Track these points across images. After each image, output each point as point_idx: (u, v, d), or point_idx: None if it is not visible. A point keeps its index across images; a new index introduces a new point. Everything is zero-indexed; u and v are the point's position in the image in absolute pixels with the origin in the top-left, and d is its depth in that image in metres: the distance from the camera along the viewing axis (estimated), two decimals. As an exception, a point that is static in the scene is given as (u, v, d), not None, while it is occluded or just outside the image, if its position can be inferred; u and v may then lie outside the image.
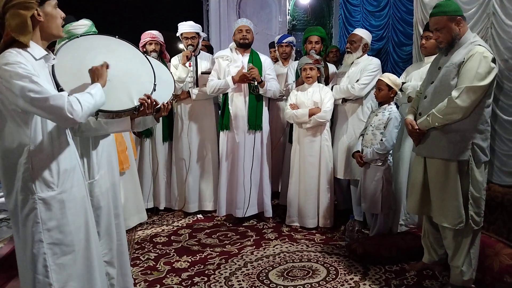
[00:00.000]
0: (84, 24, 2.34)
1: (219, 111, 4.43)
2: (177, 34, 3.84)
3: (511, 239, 2.62)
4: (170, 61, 4.00)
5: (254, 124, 3.62)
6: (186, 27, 3.78)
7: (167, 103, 2.12)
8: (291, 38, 4.18)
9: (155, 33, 3.87)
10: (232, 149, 3.68)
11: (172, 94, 2.22)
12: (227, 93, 3.67)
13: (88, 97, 1.63)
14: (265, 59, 3.75)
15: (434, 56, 2.84)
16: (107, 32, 2.16)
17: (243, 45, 3.64)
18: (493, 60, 2.20)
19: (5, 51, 1.54)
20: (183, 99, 3.91)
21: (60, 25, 1.70)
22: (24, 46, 1.58)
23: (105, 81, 1.78)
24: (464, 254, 2.36)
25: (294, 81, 3.90)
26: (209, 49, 4.70)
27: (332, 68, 3.98)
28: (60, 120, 1.56)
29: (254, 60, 3.63)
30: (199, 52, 3.95)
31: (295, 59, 4.24)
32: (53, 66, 1.74)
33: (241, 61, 3.65)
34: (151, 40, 3.83)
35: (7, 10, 1.54)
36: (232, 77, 3.56)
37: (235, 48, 3.73)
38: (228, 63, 3.66)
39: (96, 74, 1.78)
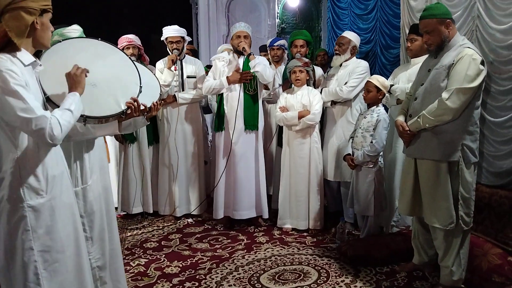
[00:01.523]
0: (77, 29, 2.33)
1: (205, 114, 4.44)
2: (162, 38, 3.82)
3: (499, 239, 2.66)
4: (149, 64, 3.98)
5: (250, 124, 3.62)
6: (171, 31, 3.77)
7: (156, 102, 2.13)
8: (282, 41, 4.18)
9: (131, 37, 3.83)
10: (228, 150, 3.67)
11: (160, 93, 2.23)
12: (222, 93, 3.67)
13: (69, 115, 1.62)
14: (258, 57, 3.72)
15: (420, 58, 2.88)
16: (95, 35, 2.15)
17: (241, 53, 3.61)
18: (482, 63, 2.24)
19: None
20: (169, 103, 3.89)
21: (50, 37, 1.73)
22: (14, 50, 1.58)
23: (83, 88, 1.77)
24: (454, 254, 2.38)
25: (280, 85, 3.90)
26: (194, 53, 4.70)
27: (319, 71, 3.98)
28: (39, 141, 1.58)
29: (249, 62, 3.61)
30: (184, 56, 3.94)
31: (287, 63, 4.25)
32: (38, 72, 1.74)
33: (237, 62, 3.65)
34: (128, 45, 3.78)
35: (7, 11, 1.55)
36: (227, 77, 3.56)
37: (232, 51, 3.72)
38: (224, 64, 3.67)
39: (75, 81, 1.75)
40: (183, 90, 3.88)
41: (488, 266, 2.45)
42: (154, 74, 2.52)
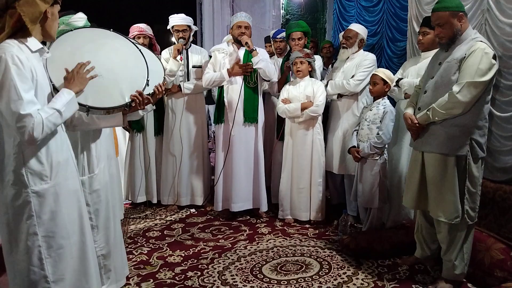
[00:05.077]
0: (82, 17, 2.33)
1: (208, 105, 4.43)
2: (168, 27, 3.80)
3: (502, 234, 2.66)
4: (160, 54, 3.97)
5: (250, 117, 3.60)
6: (177, 19, 3.74)
7: (160, 85, 2.10)
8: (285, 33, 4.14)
9: (143, 26, 3.81)
10: (227, 142, 3.66)
11: (163, 77, 2.19)
12: (223, 86, 3.65)
13: (56, 117, 1.61)
14: (259, 50, 3.70)
15: (431, 52, 2.85)
16: (97, 24, 2.13)
17: (241, 42, 3.59)
18: (494, 57, 2.22)
19: (3, 42, 1.56)
20: (174, 93, 3.87)
21: (57, 29, 1.75)
22: (24, 37, 1.60)
23: (81, 88, 1.77)
24: (457, 248, 2.38)
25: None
26: (193, 43, 4.66)
27: (318, 60, 3.87)
28: (18, 136, 1.57)
29: (250, 53, 3.59)
30: (190, 45, 3.91)
31: None
32: (46, 59, 1.74)
33: (237, 54, 3.62)
34: (139, 34, 3.77)
35: None
36: (228, 69, 3.54)
37: (232, 42, 3.69)
38: (224, 56, 3.63)
39: (75, 80, 1.76)
40: (188, 80, 3.85)
41: (490, 261, 2.45)
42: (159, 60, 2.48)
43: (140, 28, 3.79)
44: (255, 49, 3.51)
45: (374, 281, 2.59)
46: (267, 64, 3.49)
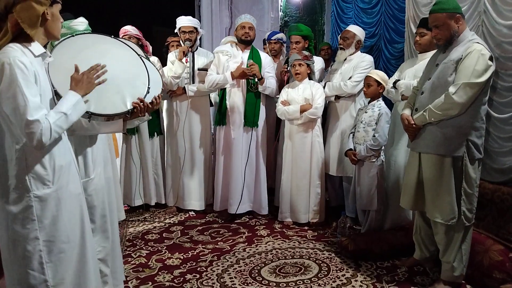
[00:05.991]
0: (83, 22, 2.33)
1: (211, 107, 4.43)
2: (175, 30, 3.81)
3: (501, 236, 2.66)
4: (152, 54, 3.97)
5: (250, 121, 3.61)
6: (184, 20, 3.75)
7: (158, 96, 2.10)
8: (280, 35, 4.14)
9: (128, 27, 3.81)
10: (227, 145, 3.67)
11: (161, 88, 2.20)
12: (225, 88, 3.66)
13: (63, 121, 1.61)
14: (265, 57, 3.73)
15: (428, 53, 2.86)
16: (97, 29, 2.14)
17: (245, 42, 3.62)
18: (491, 58, 2.22)
19: (6, 46, 1.55)
20: (179, 95, 3.87)
21: (60, 28, 1.74)
22: (28, 41, 1.59)
23: (87, 92, 1.76)
24: (455, 250, 2.38)
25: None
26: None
27: (319, 63, 3.90)
28: (27, 142, 1.56)
29: (254, 57, 3.61)
30: (197, 48, 3.91)
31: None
32: (48, 64, 1.74)
33: (241, 57, 3.64)
34: (124, 35, 3.75)
35: (19, 2, 1.56)
36: (231, 72, 3.54)
37: (235, 44, 3.70)
38: (227, 58, 3.64)
39: (83, 83, 1.75)
40: (193, 82, 3.85)
41: (489, 263, 2.45)
42: (157, 69, 2.49)
43: (125, 30, 3.79)
44: (263, 78, 3.55)
45: (373, 283, 2.58)
46: (271, 89, 3.62)
